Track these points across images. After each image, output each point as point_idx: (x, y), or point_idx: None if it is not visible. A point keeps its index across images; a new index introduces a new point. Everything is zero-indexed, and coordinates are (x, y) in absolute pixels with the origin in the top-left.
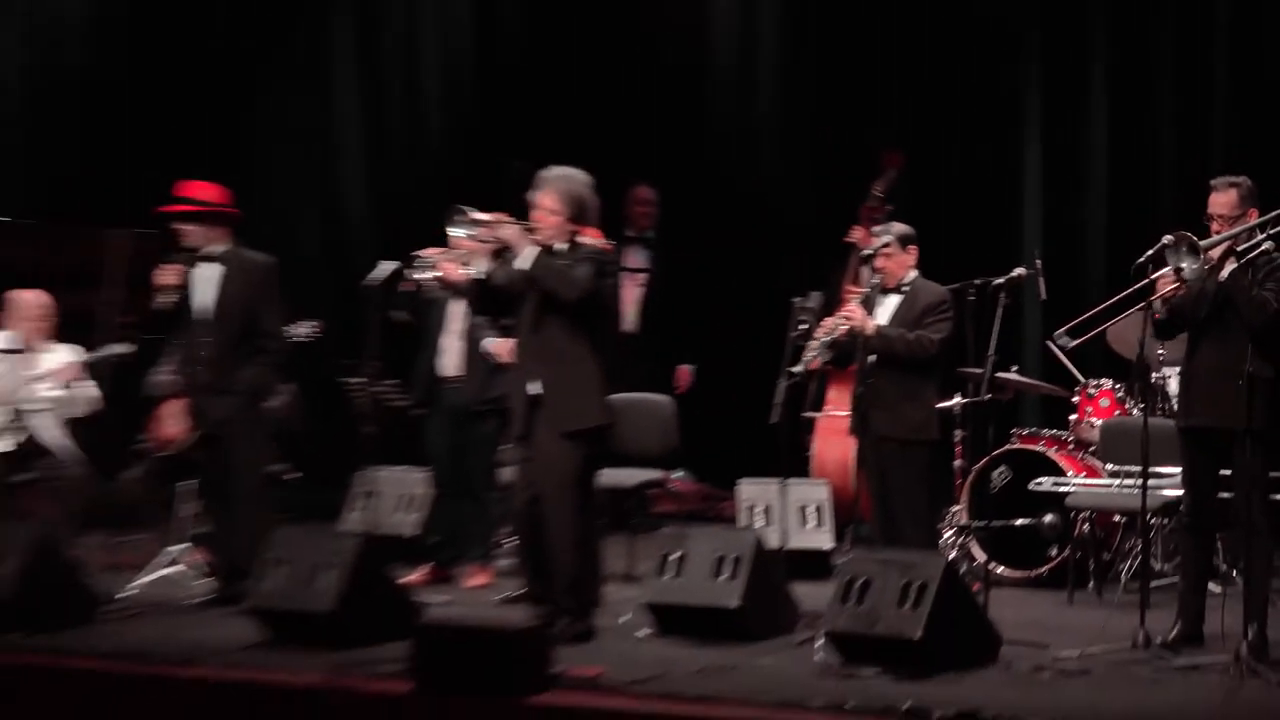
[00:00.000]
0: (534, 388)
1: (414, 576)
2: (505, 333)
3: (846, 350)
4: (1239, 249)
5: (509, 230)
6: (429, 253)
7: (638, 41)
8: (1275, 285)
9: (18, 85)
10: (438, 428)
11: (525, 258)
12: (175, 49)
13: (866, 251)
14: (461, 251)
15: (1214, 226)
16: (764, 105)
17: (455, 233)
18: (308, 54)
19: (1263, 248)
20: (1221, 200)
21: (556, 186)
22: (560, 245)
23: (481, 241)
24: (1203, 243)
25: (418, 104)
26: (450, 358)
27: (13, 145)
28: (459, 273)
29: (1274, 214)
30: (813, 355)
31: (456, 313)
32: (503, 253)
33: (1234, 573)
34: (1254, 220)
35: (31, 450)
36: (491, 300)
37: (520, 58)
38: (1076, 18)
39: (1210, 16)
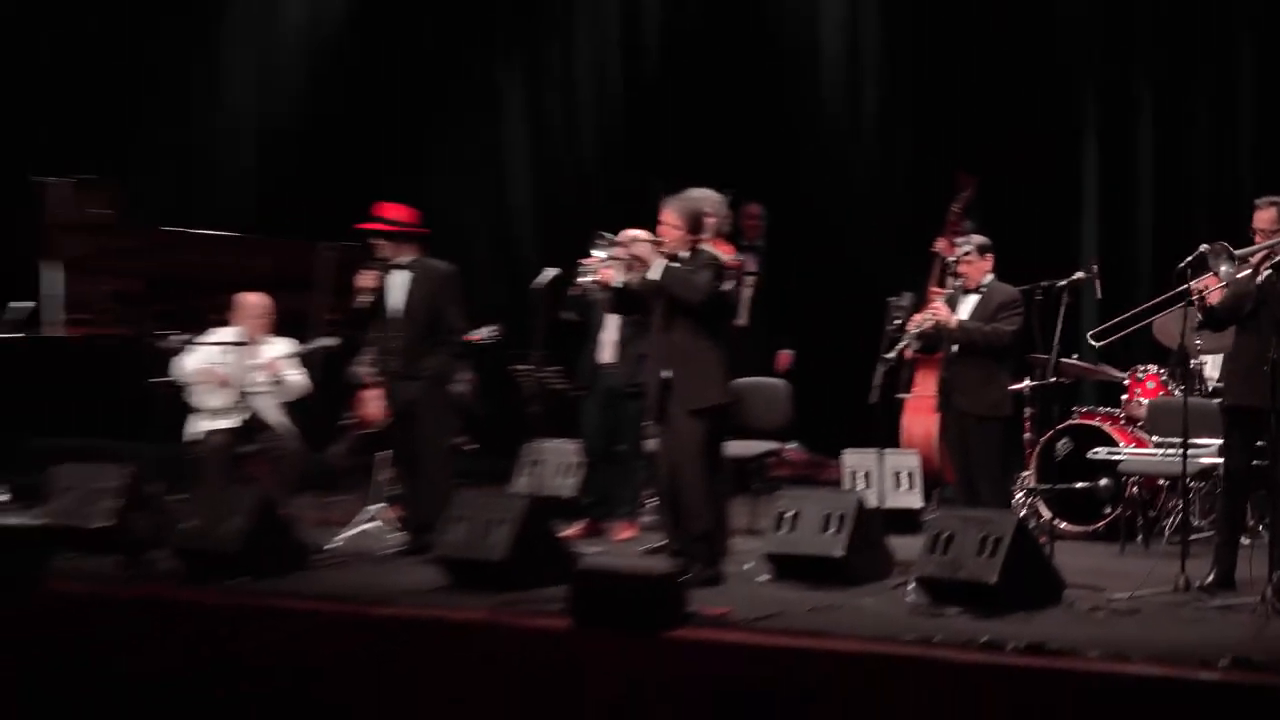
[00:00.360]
0: (666, 374)
1: (571, 531)
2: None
3: (933, 341)
4: (1275, 258)
5: (641, 247)
6: (590, 261)
7: (757, 83)
8: None
9: (249, 127)
10: (593, 407)
11: (656, 269)
12: (373, 93)
13: (951, 259)
14: (618, 260)
15: (1257, 238)
16: (864, 138)
17: (597, 254)
18: (482, 96)
19: None
20: (1263, 216)
21: (677, 205)
22: (683, 254)
23: (619, 258)
24: (1239, 251)
25: (574, 136)
26: (607, 349)
27: (244, 176)
28: (612, 277)
29: None
30: (905, 345)
31: None
32: (636, 266)
33: (1260, 528)
34: None
35: (255, 426)
36: (629, 304)
37: (657, 98)
38: (1125, 65)
39: (1238, 56)
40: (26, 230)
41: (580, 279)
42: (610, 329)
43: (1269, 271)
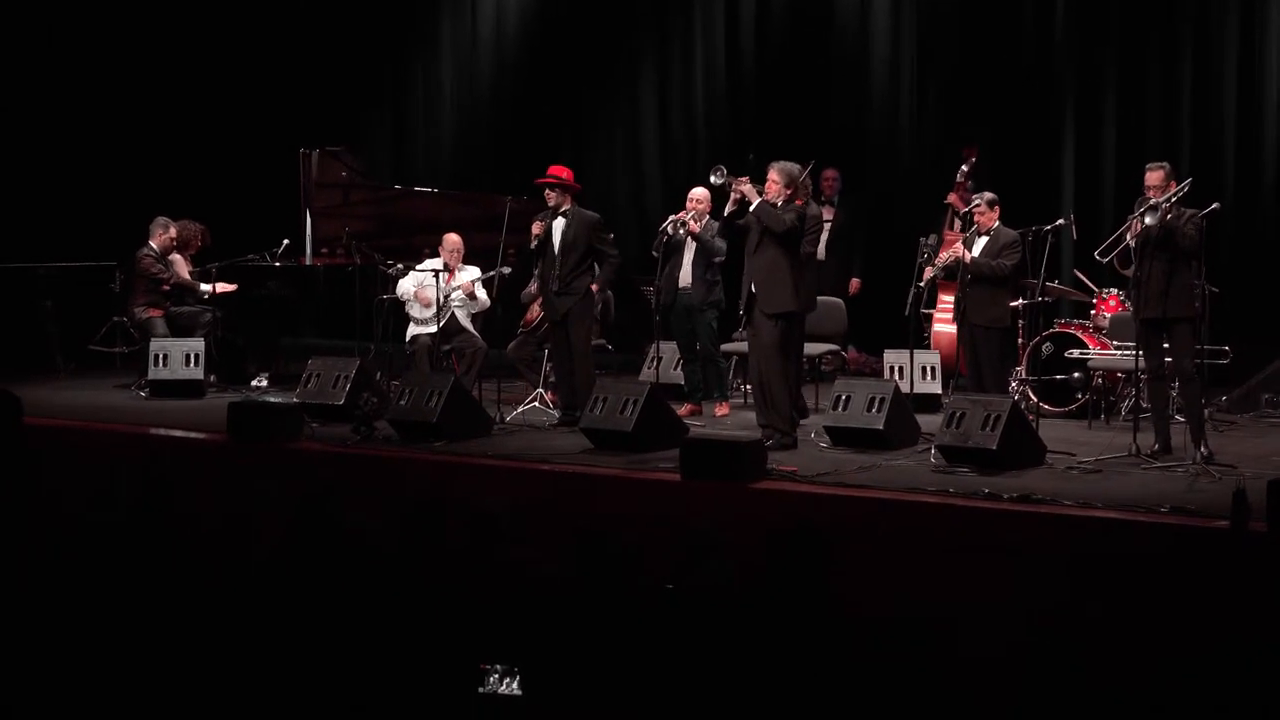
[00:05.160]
0: (753, 286)
1: (682, 410)
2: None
3: (952, 270)
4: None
5: (747, 187)
6: (680, 215)
7: (828, 80)
8: (1194, 228)
9: (448, 101)
10: (678, 319)
11: (754, 206)
12: (545, 85)
13: (963, 210)
14: (697, 213)
15: (1150, 194)
16: (902, 121)
17: (714, 180)
18: (625, 90)
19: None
20: (1154, 176)
21: (779, 169)
22: (779, 202)
23: (727, 192)
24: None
25: (690, 120)
26: (685, 276)
27: (444, 143)
28: (695, 226)
29: (1185, 185)
30: (932, 273)
31: (690, 248)
32: (741, 204)
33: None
34: (1175, 189)
35: (451, 330)
36: (733, 231)
37: (754, 90)
38: (1096, 64)
39: (1178, 65)
40: (293, 187)
41: (668, 226)
42: (688, 263)
43: (1170, 216)
